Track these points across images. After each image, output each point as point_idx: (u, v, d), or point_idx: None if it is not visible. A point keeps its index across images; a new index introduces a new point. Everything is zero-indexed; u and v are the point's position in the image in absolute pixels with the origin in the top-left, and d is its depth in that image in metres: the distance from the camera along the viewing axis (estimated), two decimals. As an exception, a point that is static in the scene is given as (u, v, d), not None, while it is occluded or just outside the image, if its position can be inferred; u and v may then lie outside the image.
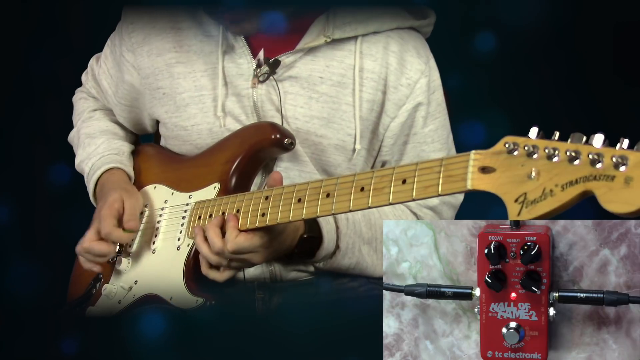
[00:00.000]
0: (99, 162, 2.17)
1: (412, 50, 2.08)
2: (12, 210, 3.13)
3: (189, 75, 2.08)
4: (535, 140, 1.44)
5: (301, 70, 2.04)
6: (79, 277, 2.19)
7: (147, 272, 2.04)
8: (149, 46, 2.11)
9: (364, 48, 2.05)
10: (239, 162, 2.01)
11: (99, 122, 2.28)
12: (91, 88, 2.33)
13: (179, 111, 2.09)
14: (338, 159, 2.06)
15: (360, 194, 1.66)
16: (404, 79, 2.06)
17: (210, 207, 1.97)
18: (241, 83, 2.05)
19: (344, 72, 2.04)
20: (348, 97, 2.04)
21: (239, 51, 2.06)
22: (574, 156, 1.39)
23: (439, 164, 1.54)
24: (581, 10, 2.91)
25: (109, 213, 2.03)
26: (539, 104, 2.96)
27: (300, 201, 1.76)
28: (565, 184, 1.39)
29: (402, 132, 2.08)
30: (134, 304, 2.01)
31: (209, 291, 1.93)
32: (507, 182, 1.45)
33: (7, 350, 2.05)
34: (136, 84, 2.15)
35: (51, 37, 3.09)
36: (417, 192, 1.57)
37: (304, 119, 2.04)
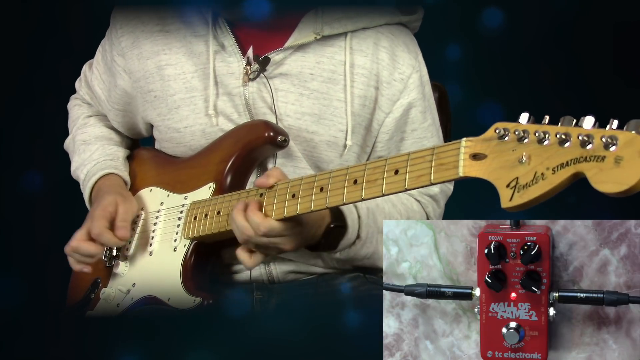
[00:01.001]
0: (94, 169, 2.17)
1: (403, 45, 2.08)
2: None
3: (179, 77, 2.08)
4: (526, 125, 1.45)
5: (291, 67, 2.04)
6: (78, 281, 2.19)
7: (144, 274, 2.04)
8: (139, 49, 2.11)
9: (354, 44, 2.05)
10: (233, 161, 2.01)
11: (93, 129, 2.29)
12: (85, 94, 2.33)
13: (170, 113, 2.08)
14: (330, 155, 2.06)
15: (354, 186, 1.67)
16: (396, 73, 2.06)
17: (205, 206, 1.97)
18: (232, 82, 2.05)
19: (335, 68, 2.04)
20: (339, 94, 2.04)
21: (229, 49, 2.06)
22: (564, 139, 1.39)
23: (431, 153, 1.55)
24: (581, 10, 2.91)
25: (102, 214, 2.03)
26: (539, 104, 2.96)
27: (294, 197, 1.77)
28: (556, 166, 1.39)
29: (397, 127, 2.08)
30: (132, 306, 2.01)
31: (206, 291, 1.93)
32: (499, 167, 1.45)
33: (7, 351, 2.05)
34: (128, 88, 2.15)
35: (51, 37, 3.09)
36: (410, 182, 1.58)
37: (295, 116, 2.03)
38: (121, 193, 2.11)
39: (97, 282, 2.12)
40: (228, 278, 2.07)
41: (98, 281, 2.12)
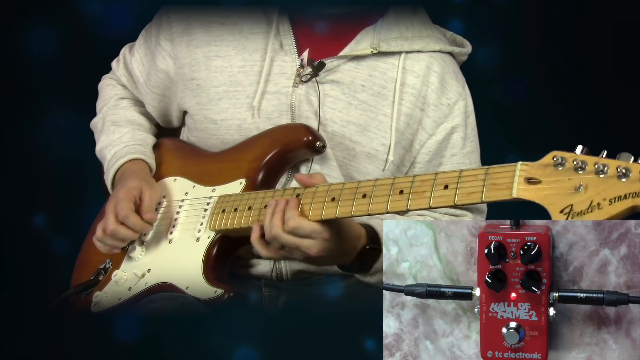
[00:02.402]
0: (123, 151, 2.18)
1: (452, 73, 2.14)
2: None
3: (225, 70, 2.11)
4: (583, 156, 1.50)
5: (344, 75, 2.08)
6: (86, 262, 2.19)
7: (162, 261, 2.04)
8: (189, 37, 2.14)
9: (407, 64, 2.10)
10: (268, 159, 2.03)
11: (125, 112, 2.29)
12: (121, 76, 2.33)
13: (210, 104, 2.11)
14: (368, 168, 2.08)
15: (399, 196, 1.70)
16: (444, 98, 2.11)
17: (236, 201, 1.98)
18: (282, 81, 2.09)
19: (385, 84, 2.09)
20: (386, 109, 2.08)
21: (287, 49, 2.10)
22: (624, 173, 1.45)
23: (484, 172, 1.60)
24: (581, 10, 2.91)
25: (127, 196, 2.04)
26: (538, 105, 2.96)
27: (334, 200, 1.79)
28: (614, 198, 1.45)
29: (438, 150, 2.12)
30: (146, 291, 2.01)
31: (227, 283, 1.94)
32: (553, 193, 1.50)
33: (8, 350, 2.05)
34: (170, 73, 2.18)
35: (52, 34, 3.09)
36: (460, 198, 1.62)
37: (340, 123, 2.07)
38: (146, 179, 2.13)
39: (107, 263, 2.12)
40: (241, 272, 2.08)
41: (109, 263, 2.12)
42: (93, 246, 2.13)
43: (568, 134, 2.87)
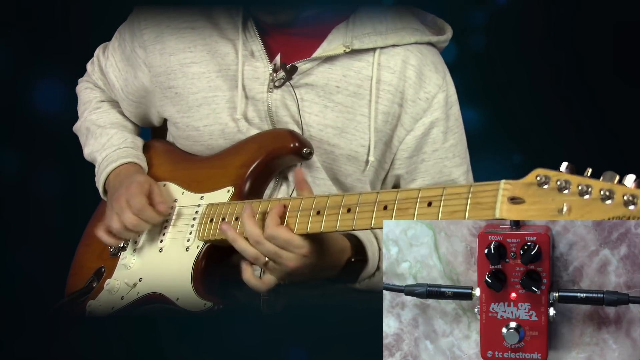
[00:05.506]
0: (114, 155, 2.17)
1: (431, 65, 2.08)
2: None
3: (203, 76, 2.08)
4: (568, 175, 1.48)
5: (318, 78, 2.04)
6: (79, 269, 2.17)
7: (152, 270, 2.03)
8: (162, 45, 2.11)
9: (382, 60, 2.04)
10: (255, 167, 2.00)
11: (108, 115, 2.28)
12: (97, 79, 2.31)
13: (191, 111, 2.08)
14: (349, 169, 2.06)
15: (383, 212, 1.69)
16: (422, 92, 2.06)
17: (224, 210, 1.96)
18: (256, 87, 2.05)
19: (361, 83, 2.04)
20: (363, 108, 2.04)
21: (257, 54, 2.06)
22: (607, 195, 1.44)
23: (467, 191, 1.58)
24: (581, 10, 2.91)
25: (140, 191, 2.02)
26: (538, 105, 2.96)
27: (319, 214, 1.77)
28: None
29: (417, 146, 2.08)
30: (138, 301, 2.00)
31: (217, 295, 1.92)
32: (537, 214, 1.50)
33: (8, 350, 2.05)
34: (146, 82, 2.15)
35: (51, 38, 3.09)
36: (443, 216, 1.61)
37: (317, 127, 2.04)
38: (148, 178, 2.11)
39: (101, 271, 2.10)
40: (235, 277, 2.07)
41: (102, 270, 2.10)
42: (87, 252, 2.13)
43: (568, 134, 2.87)
